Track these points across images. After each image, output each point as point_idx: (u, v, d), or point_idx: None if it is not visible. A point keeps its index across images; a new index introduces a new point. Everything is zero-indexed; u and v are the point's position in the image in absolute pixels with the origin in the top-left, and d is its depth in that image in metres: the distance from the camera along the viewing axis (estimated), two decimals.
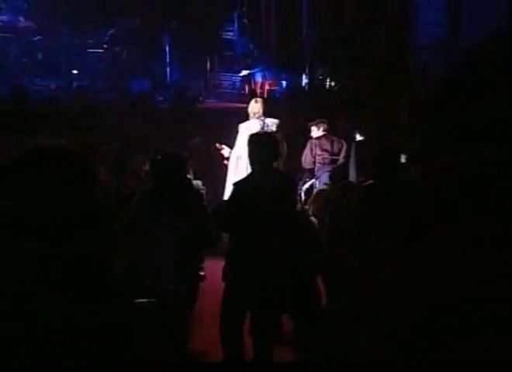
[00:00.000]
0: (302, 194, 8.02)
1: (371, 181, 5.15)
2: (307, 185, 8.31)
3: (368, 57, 12.62)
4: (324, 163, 8.41)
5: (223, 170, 7.99)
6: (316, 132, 8.69)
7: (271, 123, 7.78)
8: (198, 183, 7.25)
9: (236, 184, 5.20)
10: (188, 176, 6.20)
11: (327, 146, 8.60)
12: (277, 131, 7.67)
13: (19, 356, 1.68)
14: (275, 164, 5.43)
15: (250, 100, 8.77)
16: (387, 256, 4.19)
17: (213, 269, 5.54)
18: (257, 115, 7.83)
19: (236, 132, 7.78)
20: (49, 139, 1.92)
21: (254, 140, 5.28)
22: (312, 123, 8.81)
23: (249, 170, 5.43)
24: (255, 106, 7.89)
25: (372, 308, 4.00)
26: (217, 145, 7.86)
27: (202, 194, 6.02)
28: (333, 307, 5.15)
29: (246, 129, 7.64)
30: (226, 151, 7.73)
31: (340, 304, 4.98)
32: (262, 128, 7.65)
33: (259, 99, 8.20)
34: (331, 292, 5.23)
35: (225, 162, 7.88)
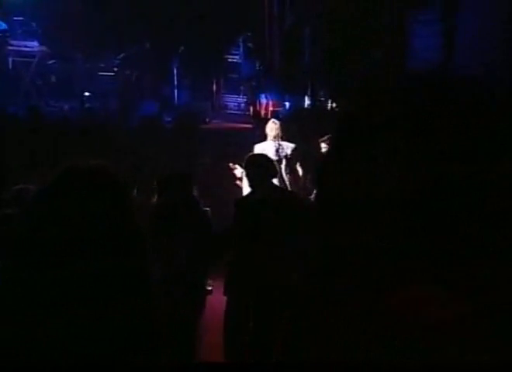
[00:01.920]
0: None
1: None
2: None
3: (363, 82, 11.39)
4: None
5: (229, 188, 7.72)
6: None
7: (287, 147, 7.45)
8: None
9: (237, 203, 5.13)
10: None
11: None
12: (292, 155, 7.35)
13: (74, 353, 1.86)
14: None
15: (258, 120, 8.72)
16: None
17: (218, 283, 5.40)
18: (273, 137, 7.50)
19: (250, 152, 7.27)
20: (87, 159, 2.03)
21: (251, 161, 5.26)
22: (322, 139, 8.33)
23: None
24: (273, 127, 7.59)
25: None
26: (230, 164, 7.49)
27: (206, 210, 5.91)
28: None
29: (261, 151, 7.35)
30: (238, 171, 7.26)
31: None
32: (277, 150, 7.42)
33: (277, 121, 7.84)
34: None
35: (237, 182, 7.50)
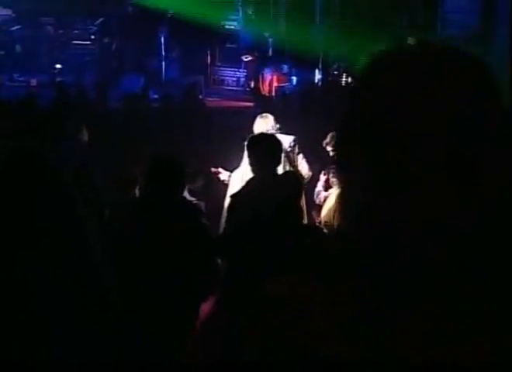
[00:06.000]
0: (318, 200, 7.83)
1: None
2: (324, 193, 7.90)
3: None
4: None
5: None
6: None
7: (284, 140, 7.12)
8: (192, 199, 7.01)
9: (232, 197, 5.27)
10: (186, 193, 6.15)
11: None
12: (291, 150, 7.27)
13: None
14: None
15: (260, 98, 8.52)
16: None
17: None
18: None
19: (242, 144, 6.83)
20: None
21: (254, 142, 5.34)
22: (326, 141, 8.39)
23: None
24: (261, 124, 7.26)
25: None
26: (212, 169, 7.39)
27: (198, 211, 5.75)
28: None
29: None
30: (224, 175, 7.18)
31: None
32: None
33: (265, 115, 7.57)
34: None
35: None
